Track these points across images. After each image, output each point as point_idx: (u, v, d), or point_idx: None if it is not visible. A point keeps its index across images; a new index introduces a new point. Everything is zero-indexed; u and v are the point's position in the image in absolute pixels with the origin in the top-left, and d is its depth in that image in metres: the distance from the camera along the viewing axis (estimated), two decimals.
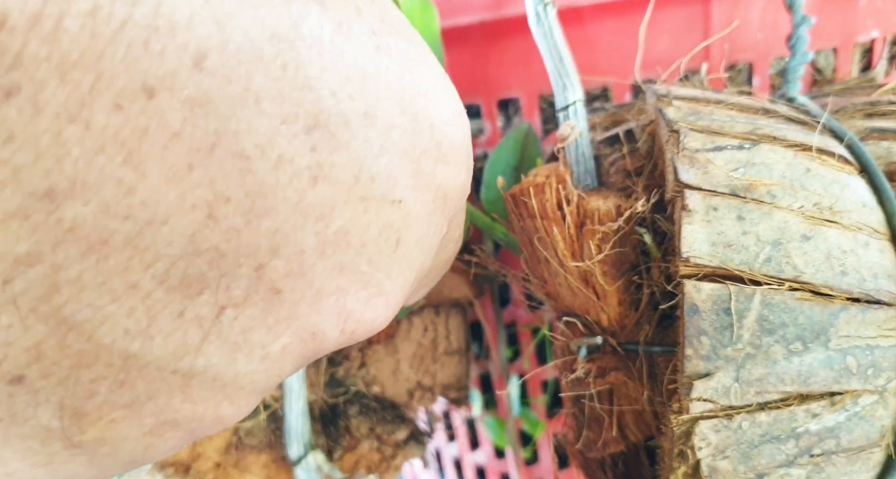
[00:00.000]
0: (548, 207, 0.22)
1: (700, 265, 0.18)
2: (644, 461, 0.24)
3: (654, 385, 0.22)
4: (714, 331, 0.18)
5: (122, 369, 0.10)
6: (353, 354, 0.31)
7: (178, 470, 0.30)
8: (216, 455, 0.30)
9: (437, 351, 0.34)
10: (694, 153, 0.19)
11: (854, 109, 0.24)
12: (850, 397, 0.19)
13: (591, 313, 0.23)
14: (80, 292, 0.09)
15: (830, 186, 0.19)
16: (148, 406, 0.11)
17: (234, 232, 0.10)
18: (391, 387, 0.32)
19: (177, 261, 0.10)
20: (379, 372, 0.32)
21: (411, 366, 0.33)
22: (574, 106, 0.23)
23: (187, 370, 0.11)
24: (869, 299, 0.18)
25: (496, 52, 0.33)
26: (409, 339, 0.33)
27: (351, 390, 0.32)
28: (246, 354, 0.11)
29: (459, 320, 0.35)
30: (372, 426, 0.32)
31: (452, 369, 0.34)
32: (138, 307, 0.10)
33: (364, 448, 0.32)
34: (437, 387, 0.34)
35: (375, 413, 0.32)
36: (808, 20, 0.25)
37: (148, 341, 0.10)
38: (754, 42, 0.31)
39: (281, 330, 0.12)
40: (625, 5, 0.31)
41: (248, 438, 0.31)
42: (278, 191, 0.11)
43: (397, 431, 0.33)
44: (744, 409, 0.19)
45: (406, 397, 0.33)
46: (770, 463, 0.19)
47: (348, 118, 0.11)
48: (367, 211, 0.12)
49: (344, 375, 0.32)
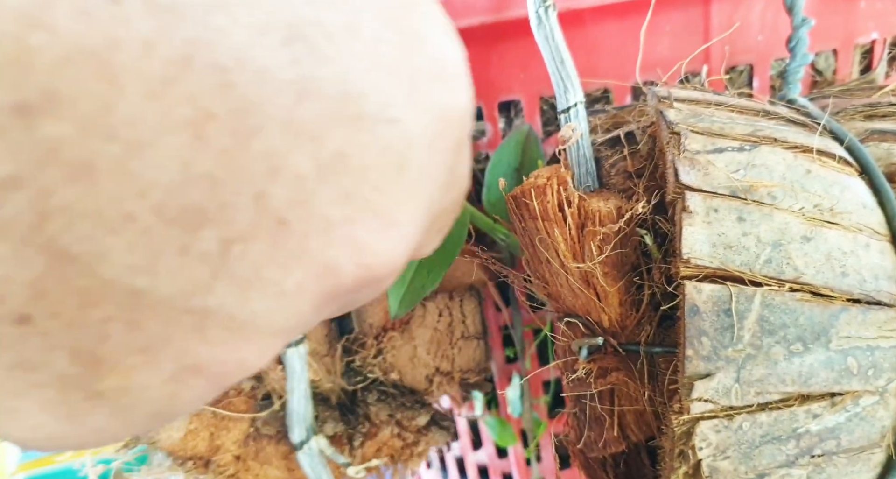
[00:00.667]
0: (549, 209, 0.22)
1: (701, 266, 0.19)
2: (645, 462, 0.24)
3: (654, 386, 0.22)
4: (715, 332, 0.18)
5: (132, 309, 0.10)
6: (368, 342, 0.31)
7: (197, 464, 0.30)
8: (235, 448, 0.30)
9: (453, 336, 0.33)
10: (695, 155, 0.20)
11: (854, 111, 0.24)
12: (850, 397, 0.19)
13: (592, 313, 0.23)
14: (74, 222, 0.09)
15: (831, 188, 0.19)
16: (165, 351, 0.11)
17: (226, 155, 0.10)
18: (409, 374, 0.32)
19: (171, 189, 0.10)
20: (396, 360, 0.31)
21: (428, 352, 0.32)
22: (575, 108, 0.23)
23: (200, 310, 0.11)
24: (869, 301, 0.18)
25: (497, 54, 0.33)
26: (424, 325, 0.32)
27: (368, 378, 0.31)
28: (259, 291, 0.11)
29: (474, 304, 0.34)
30: (391, 413, 0.31)
31: (471, 354, 0.33)
32: (138, 242, 0.10)
33: (385, 435, 0.31)
34: (455, 372, 0.33)
35: (395, 399, 0.32)
36: (808, 22, 0.25)
37: (154, 278, 0.10)
38: (754, 44, 0.32)
39: (293, 265, 0.11)
40: (625, 8, 0.31)
41: (265, 428, 0.30)
42: (264, 107, 0.10)
43: (418, 416, 0.32)
44: (744, 409, 0.19)
45: (425, 383, 0.32)
46: (771, 464, 0.19)
47: (329, 30, 0.11)
48: (361, 131, 0.11)
49: (360, 364, 0.31)
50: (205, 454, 0.30)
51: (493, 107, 0.35)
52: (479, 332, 0.34)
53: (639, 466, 0.24)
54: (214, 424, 0.30)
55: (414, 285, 0.29)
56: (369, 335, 0.31)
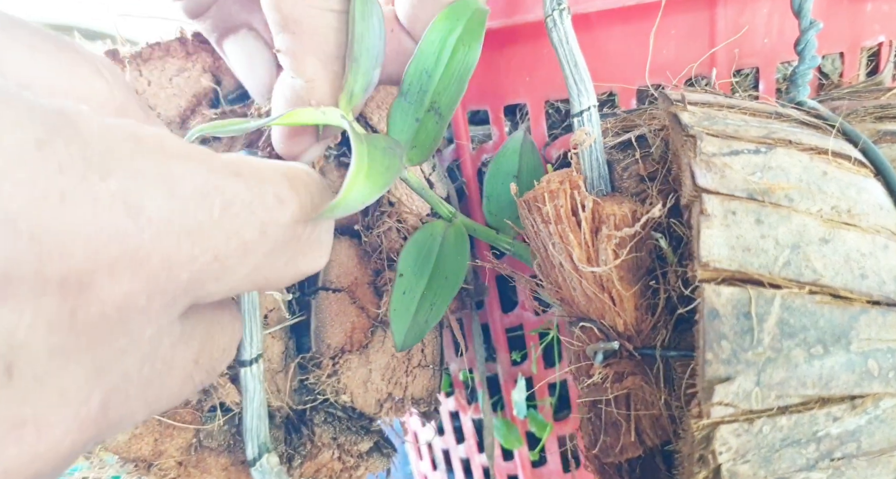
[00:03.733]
0: (562, 213, 0.22)
1: (719, 269, 0.18)
2: (661, 466, 0.24)
3: (671, 390, 0.22)
4: (734, 335, 0.18)
5: None
6: (324, 362, 0.31)
7: (140, 466, 0.30)
8: (178, 454, 0.30)
9: (410, 363, 0.34)
10: (710, 158, 0.20)
11: (864, 113, 0.24)
12: (871, 400, 0.19)
13: (606, 317, 0.23)
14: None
15: (847, 190, 0.19)
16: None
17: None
18: (361, 397, 0.32)
19: None
20: (350, 382, 0.32)
21: (383, 377, 0.33)
22: (588, 111, 0.23)
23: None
24: (889, 302, 0.18)
25: (504, 58, 0.33)
26: (383, 350, 0.33)
27: (318, 399, 0.32)
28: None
29: (434, 335, 0.35)
30: (335, 436, 0.32)
31: (424, 383, 0.34)
32: None
33: (325, 457, 0.32)
34: (407, 400, 0.34)
35: (340, 423, 0.33)
36: (817, 25, 0.25)
37: None
38: (760, 47, 0.32)
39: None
40: (631, 12, 0.31)
41: (207, 440, 0.31)
42: None
43: (361, 442, 0.33)
44: (765, 413, 0.19)
45: (376, 407, 0.33)
46: (791, 467, 0.19)
47: None
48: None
49: (314, 381, 0.32)
50: (148, 458, 0.30)
51: (499, 111, 0.35)
52: (436, 361, 0.35)
53: (654, 471, 0.24)
54: (159, 430, 0.30)
55: (417, 319, 0.28)
56: (326, 355, 0.32)
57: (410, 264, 0.28)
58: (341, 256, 0.32)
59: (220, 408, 0.31)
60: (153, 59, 0.31)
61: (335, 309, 0.32)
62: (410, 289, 0.28)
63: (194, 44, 0.31)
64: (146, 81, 0.31)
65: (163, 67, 0.31)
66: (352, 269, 0.32)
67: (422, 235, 0.29)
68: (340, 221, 0.32)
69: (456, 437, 0.47)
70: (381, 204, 0.33)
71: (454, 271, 0.29)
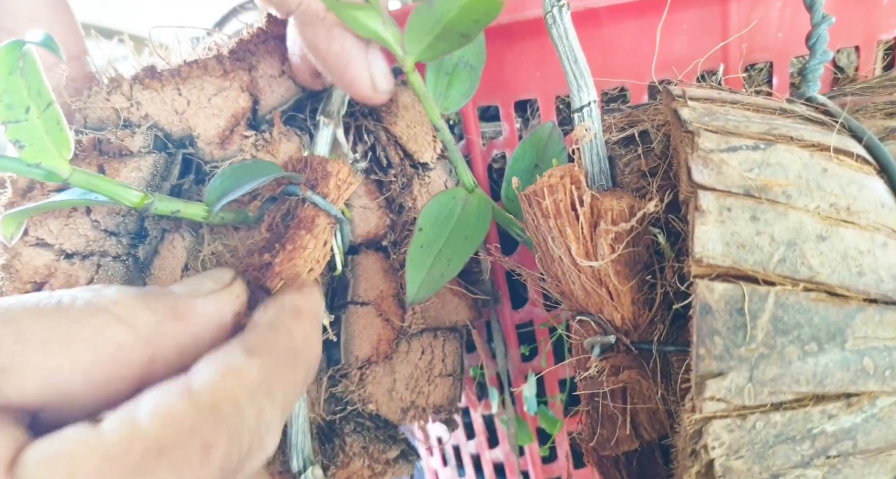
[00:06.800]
0: (561, 208, 0.23)
1: (713, 265, 0.18)
2: (658, 460, 0.24)
3: (667, 384, 0.22)
4: (727, 331, 0.18)
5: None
6: (352, 372, 0.33)
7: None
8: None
9: (432, 373, 0.35)
10: (708, 154, 0.20)
11: (875, 109, 0.24)
12: (867, 398, 0.18)
13: (604, 312, 0.23)
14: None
15: (848, 187, 0.19)
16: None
17: None
18: (386, 405, 0.34)
19: None
20: (375, 391, 0.33)
21: (407, 386, 0.34)
22: (589, 107, 0.23)
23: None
24: (887, 301, 0.18)
25: (514, 53, 0.34)
26: (406, 360, 0.34)
27: (348, 409, 0.33)
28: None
29: (456, 345, 0.36)
30: (365, 445, 0.33)
31: (445, 392, 0.36)
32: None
33: (356, 465, 0.33)
34: (429, 408, 0.35)
35: (369, 432, 0.34)
36: (829, 19, 0.25)
37: None
38: (773, 41, 0.31)
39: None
40: (641, 6, 0.31)
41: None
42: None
43: (389, 450, 0.34)
44: (758, 409, 0.19)
45: (400, 415, 0.34)
46: (785, 464, 0.19)
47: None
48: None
49: (343, 391, 0.33)
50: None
51: (509, 106, 0.35)
52: (457, 371, 0.36)
53: (652, 465, 0.24)
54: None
55: (433, 272, 0.29)
56: (354, 366, 0.33)
57: (431, 220, 0.30)
58: (368, 270, 0.33)
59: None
60: (192, 77, 0.30)
61: (363, 322, 0.33)
62: (429, 243, 0.30)
63: (231, 61, 0.31)
64: (185, 101, 0.30)
65: (202, 86, 0.30)
66: (378, 283, 0.33)
67: (445, 197, 0.30)
68: (368, 236, 0.33)
69: (466, 433, 0.47)
70: (409, 221, 0.33)
71: (475, 233, 0.30)
